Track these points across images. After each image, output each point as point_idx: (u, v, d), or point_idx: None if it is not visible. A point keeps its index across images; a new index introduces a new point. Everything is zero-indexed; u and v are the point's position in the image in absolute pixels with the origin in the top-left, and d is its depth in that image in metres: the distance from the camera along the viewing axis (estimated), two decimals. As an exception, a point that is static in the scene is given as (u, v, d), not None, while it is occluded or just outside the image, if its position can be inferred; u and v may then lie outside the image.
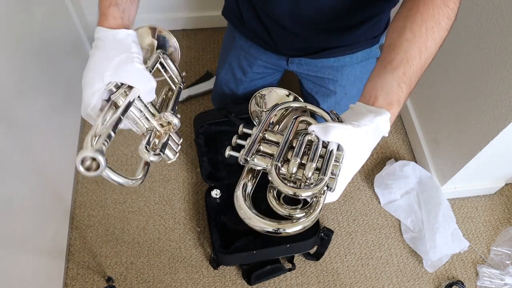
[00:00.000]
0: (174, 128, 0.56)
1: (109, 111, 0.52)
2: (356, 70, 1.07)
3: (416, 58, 0.57)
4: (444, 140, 1.28)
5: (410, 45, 0.58)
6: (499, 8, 0.97)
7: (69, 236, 1.28)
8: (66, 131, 1.38)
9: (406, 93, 0.56)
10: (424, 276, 1.25)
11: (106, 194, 1.36)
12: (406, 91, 0.56)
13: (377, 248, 1.29)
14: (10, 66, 1.02)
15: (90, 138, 0.46)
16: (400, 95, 0.55)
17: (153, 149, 0.55)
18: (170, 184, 1.39)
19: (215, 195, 1.24)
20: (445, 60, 1.22)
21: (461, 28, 1.13)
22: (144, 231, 1.30)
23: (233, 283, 1.22)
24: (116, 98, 0.53)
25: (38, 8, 1.20)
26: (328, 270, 1.26)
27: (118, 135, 1.47)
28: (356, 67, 1.06)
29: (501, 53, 0.99)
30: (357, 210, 1.36)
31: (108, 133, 0.45)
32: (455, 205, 1.37)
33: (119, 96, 0.53)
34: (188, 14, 1.68)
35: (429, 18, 0.60)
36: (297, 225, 0.46)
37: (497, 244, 1.29)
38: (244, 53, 1.13)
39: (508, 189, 1.41)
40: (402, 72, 0.56)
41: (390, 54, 0.58)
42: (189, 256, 1.26)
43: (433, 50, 0.60)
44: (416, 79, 0.58)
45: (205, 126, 1.17)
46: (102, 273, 1.23)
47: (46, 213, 1.17)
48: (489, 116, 1.06)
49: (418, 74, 0.58)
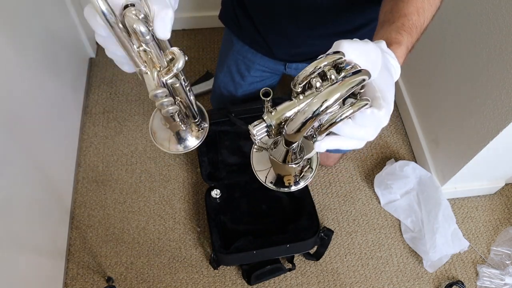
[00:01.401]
0: (174, 69, 0.43)
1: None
2: None
3: (415, 15, 0.56)
4: (444, 140, 1.28)
5: (407, 5, 0.57)
6: (499, 8, 0.97)
7: (69, 236, 1.28)
8: (66, 131, 1.38)
9: (406, 39, 0.53)
10: (424, 276, 1.25)
11: (106, 194, 1.36)
12: (406, 38, 0.53)
13: (377, 248, 1.29)
14: (10, 66, 1.02)
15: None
16: (400, 38, 0.52)
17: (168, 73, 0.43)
18: (170, 184, 1.39)
19: (215, 195, 1.24)
20: (445, 60, 1.23)
21: (461, 28, 1.13)
22: (144, 231, 1.30)
23: (233, 283, 1.22)
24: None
25: (38, 8, 1.20)
26: (328, 270, 1.26)
27: (118, 135, 1.47)
28: None
29: (501, 53, 0.99)
30: (357, 210, 1.36)
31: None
32: (455, 205, 1.37)
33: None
34: (188, 14, 1.68)
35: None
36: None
37: (497, 244, 1.29)
38: (242, 57, 1.12)
39: (508, 189, 1.41)
40: (401, 23, 0.55)
41: (387, 16, 0.57)
42: (189, 256, 1.26)
43: (429, 14, 0.59)
44: (416, 33, 0.55)
45: (205, 126, 1.17)
46: (102, 273, 1.23)
47: (46, 213, 1.17)
48: (489, 116, 1.06)
49: (418, 30, 0.56)
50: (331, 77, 0.38)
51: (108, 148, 1.45)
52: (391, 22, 0.55)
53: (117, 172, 1.40)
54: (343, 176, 1.42)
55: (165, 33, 0.42)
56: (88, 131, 1.48)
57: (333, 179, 1.42)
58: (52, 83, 1.27)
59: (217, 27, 1.73)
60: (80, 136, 1.46)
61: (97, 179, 1.38)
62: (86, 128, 1.48)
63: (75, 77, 1.49)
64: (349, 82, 0.37)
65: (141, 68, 0.43)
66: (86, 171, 1.40)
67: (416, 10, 0.56)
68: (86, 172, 1.40)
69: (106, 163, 1.42)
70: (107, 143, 1.46)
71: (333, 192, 1.39)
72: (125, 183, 1.38)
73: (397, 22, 0.54)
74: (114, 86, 1.58)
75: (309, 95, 0.40)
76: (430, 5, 0.60)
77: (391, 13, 0.57)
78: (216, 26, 1.73)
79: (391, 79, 0.43)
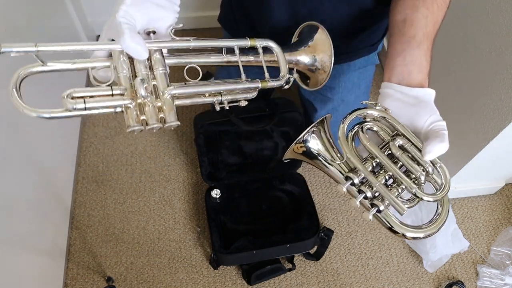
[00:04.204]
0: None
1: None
2: (354, 77, 1.06)
3: (433, 33, 0.59)
4: (444, 140, 1.28)
5: (427, 21, 0.59)
6: (499, 8, 0.97)
7: (69, 236, 1.28)
8: (66, 131, 1.38)
9: (430, 64, 0.57)
10: (424, 276, 1.25)
11: (106, 194, 1.36)
12: (430, 63, 0.57)
13: (377, 248, 1.29)
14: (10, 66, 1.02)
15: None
16: (428, 68, 0.57)
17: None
18: (170, 184, 1.39)
19: (215, 195, 1.24)
20: (445, 60, 1.22)
21: (461, 28, 1.13)
22: (144, 231, 1.30)
23: (233, 283, 1.22)
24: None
25: (38, 8, 1.20)
26: (328, 270, 1.26)
27: (118, 135, 1.47)
28: (354, 74, 1.06)
29: (501, 53, 0.99)
30: (357, 210, 1.36)
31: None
32: (455, 205, 1.37)
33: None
34: (188, 14, 1.68)
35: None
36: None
37: (497, 244, 1.29)
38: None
39: (508, 189, 1.41)
40: (426, 47, 0.57)
41: (409, 29, 0.59)
42: (189, 256, 1.26)
43: (440, 23, 0.63)
44: (431, 40, 0.60)
45: (205, 126, 1.18)
46: (102, 273, 1.23)
47: (46, 213, 1.16)
48: (489, 116, 1.06)
49: (432, 48, 0.59)
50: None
51: (108, 148, 1.45)
52: (418, 42, 0.58)
53: (117, 172, 1.40)
54: (343, 176, 1.42)
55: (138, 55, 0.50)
56: (88, 131, 1.48)
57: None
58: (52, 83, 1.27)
59: (217, 27, 1.73)
60: (80, 136, 1.46)
61: (97, 179, 1.38)
62: (86, 128, 1.48)
63: (75, 77, 1.49)
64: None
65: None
66: (86, 171, 1.40)
67: (433, 28, 0.60)
68: (86, 172, 1.40)
69: (106, 163, 1.42)
70: (107, 143, 1.46)
71: (333, 192, 1.39)
72: (125, 183, 1.38)
73: (423, 44, 0.58)
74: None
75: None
76: (442, 16, 0.63)
77: (413, 27, 0.59)
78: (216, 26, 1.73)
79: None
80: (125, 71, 0.51)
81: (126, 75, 0.51)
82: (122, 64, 0.51)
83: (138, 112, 0.50)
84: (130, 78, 0.51)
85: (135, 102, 0.50)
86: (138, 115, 0.50)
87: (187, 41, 0.57)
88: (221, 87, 0.56)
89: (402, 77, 0.57)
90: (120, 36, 0.49)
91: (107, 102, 0.49)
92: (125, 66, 0.51)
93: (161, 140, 1.47)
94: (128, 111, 0.50)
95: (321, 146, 0.56)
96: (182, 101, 0.54)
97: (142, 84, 0.50)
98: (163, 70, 0.53)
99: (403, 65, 0.57)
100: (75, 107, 0.47)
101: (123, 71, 0.51)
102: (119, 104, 0.49)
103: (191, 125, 1.49)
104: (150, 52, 0.53)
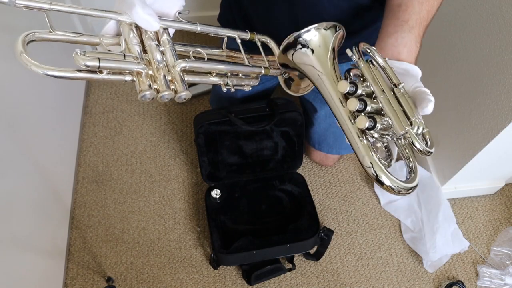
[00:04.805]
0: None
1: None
2: None
3: (426, 21, 0.60)
4: (444, 140, 1.28)
5: (422, 8, 0.60)
6: (499, 8, 0.97)
7: (69, 236, 1.28)
8: (66, 131, 1.38)
9: (419, 53, 0.58)
10: (424, 276, 1.25)
11: (106, 194, 1.36)
12: (419, 51, 0.58)
13: (377, 248, 1.29)
14: (10, 66, 1.02)
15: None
16: (417, 54, 0.57)
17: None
18: (170, 184, 1.39)
19: (215, 195, 1.24)
20: (445, 60, 1.22)
21: (461, 28, 1.13)
22: (144, 231, 1.30)
23: (233, 283, 1.22)
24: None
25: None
26: (328, 270, 1.26)
27: (118, 135, 1.47)
28: None
29: (501, 53, 0.99)
30: (357, 210, 1.36)
31: None
32: (455, 205, 1.37)
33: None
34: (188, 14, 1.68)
35: None
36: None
37: (497, 244, 1.29)
38: None
39: (508, 189, 1.41)
40: (417, 33, 0.58)
41: (404, 13, 0.60)
42: (189, 256, 1.26)
43: (435, 12, 0.63)
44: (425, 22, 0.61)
45: (205, 126, 1.18)
46: (102, 273, 1.23)
47: (46, 213, 1.17)
48: (489, 116, 1.06)
49: (423, 35, 0.60)
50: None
51: (108, 148, 1.45)
52: (410, 26, 0.59)
53: (117, 172, 1.40)
54: (343, 176, 1.42)
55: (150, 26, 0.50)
56: (88, 131, 1.48)
57: (333, 179, 1.42)
58: (52, 83, 1.27)
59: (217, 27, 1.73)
60: (80, 136, 1.46)
61: (97, 179, 1.38)
62: (86, 128, 1.48)
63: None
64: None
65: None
66: (86, 171, 1.40)
67: (427, 14, 0.61)
68: (86, 172, 1.40)
69: (106, 163, 1.42)
70: (107, 143, 1.46)
71: (333, 192, 1.39)
72: (125, 183, 1.38)
73: (415, 29, 0.59)
74: (114, 86, 1.58)
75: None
76: (438, 3, 0.63)
77: (407, 11, 0.60)
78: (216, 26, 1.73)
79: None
80: (135, 41, 0.51)
81: (137, 46, 0.51)
82: (132, 38, 0.51)
83: (150, 80, 0.50)
84: (141, 49, 0.51)
85: (147, 70, 0.50)
86: (150, 83, 0.49)
87: (195, 25, 0.58)
88: (227, 67, 0.58)
89: (392, 55, 0.57)
90: (132, 8, 0.49)
91: (121, 64, 0.48)
92: (135, 41, 0.51)
93: (161, 140, 1.47)
94: (139, 78, 0.49)
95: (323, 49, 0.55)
96: (192, 77, 0.55)
97: (158, 48, 0.50)
98: (171, 47, 0.53)
99: (393, 45, 0.57)
100: (87, 64, 0.46)
101: (133, 42, 0.51)
102: (132, 68, 0.48)
103: (191, 125, 1.49)
104: (158, 32, 0.53)
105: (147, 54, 0.51)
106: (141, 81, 0.49)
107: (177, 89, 0.50)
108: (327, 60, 0.56)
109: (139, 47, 0.51)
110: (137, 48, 0.50)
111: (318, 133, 1.29)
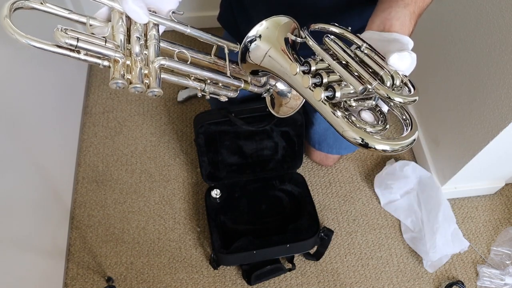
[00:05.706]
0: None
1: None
2: None
3: (422, 3, 0.59)
4: (444, 140, 1.28)
5: None
6: (499, 8, 0.97)
7: (69, 236, 1.28)
8: (66, 131, 1.38)
9: (413, 30, 0.56)
10: (424, 276, 1.25)
11: (106, 194, 1.36)
12: (413, 29, 0.56)
13: (377, 248, 1.29)
14: (10, 66, 1.02)
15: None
16: (411, 30, 0.56)
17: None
18: (170, 184, 1.39)
19: (215, 195, 1.24)
20: (445, 60, 1.22)
21: (461, 28, 1.13)
22: (144, 231, 1.30)
23: (233, 283, 1.22)
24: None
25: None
26: (328, 270, 1.26)
27: (118, 135, 1.47)
28: None
29: (501, 53, 0.99)
30: (357, 210, 1.36)
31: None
32: (455, 205, 1.37)
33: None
34: (188, 14, 1.68)
35: None
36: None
37: (497, 244, 1.29)
38: None
39: (508, 189, 1.41)
40: (412, 10, 0.57)
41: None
42: (189, 256, 1.26)
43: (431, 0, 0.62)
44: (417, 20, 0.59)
45: (205, 126, 1.18)
46: (102, 273, 1.23)
47: (46, 213, 1.17)
48: (489, 116, 1.06)
49: (419, 16, 0.59)
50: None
51: (108, 148, 1.45)
52: (405, 3, 0.58)
53: (117, 172, 1.40)
54: (343, 176, 1.42)
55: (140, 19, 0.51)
56: (88, 131, 1.48)
57: (333, 179, 1.42)
58: (52, 83, 1.27)
59: (217, 27, 1.73)
60: (80, 136, 1.46)
61: (97, 179, 1.38)
62: (86, 128, 1.48)
63: (75, 77, 1.49)
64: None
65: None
66: (86, 171, 1.40)
67: None
68: (86, 172, 1.40)
69: (106, 163, 1.42)
70: (107, 143, 1.46)
71: (333, 192, 1.39)
72: (125, 183, 1.38)
73: (410, 6, 0.57)
74: (114, 86, 1.58)
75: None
76: None
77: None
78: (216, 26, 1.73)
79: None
80: (121, 30, 0.52)
81: (121, 35, 0.52)
82: (119, 27, 0.52)
83: (125, 71, 0.51)
84: (125, 39, 0.52)
85: (125, 60, 0.50)
86: (124, 73, 0.50)
87: (185, 26, 0.58)
88: (207, 74, 0.58)
89: (383, 27, 0.56)
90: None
91: (99, 48, 0.49)
92: (122, 30, 0.52)
93: (161, 140, 1.47)
94: (116, 65, 0.50)
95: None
96: (169, 76, 0.55)
97: (138, 41, 0.51)
98: (156, 43, 0.53)
99: (386, 19, 0.56)
100: (66, 42, 0.47)
101: (119, 31, 0.52)
102: (110, 55, 0.49)
103: (191, 125, 1.49)
104: (147, 26, 0.54)
105: (130, 45, 0.52)
106: (116, 69, 0.50)
107: (150, 84, 0.51)
108: (276, 41, 0.56)
109: (123, 36, 0.52)
110: (121, 36, 0.52)
111: (318, 133, 1.29)
